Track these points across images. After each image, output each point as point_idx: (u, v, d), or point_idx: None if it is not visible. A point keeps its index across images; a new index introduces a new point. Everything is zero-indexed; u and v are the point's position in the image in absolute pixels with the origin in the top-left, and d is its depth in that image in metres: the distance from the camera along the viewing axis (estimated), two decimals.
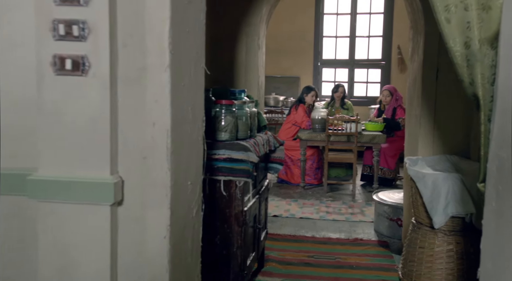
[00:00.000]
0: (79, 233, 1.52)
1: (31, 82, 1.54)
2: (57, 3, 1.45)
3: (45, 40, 1.47)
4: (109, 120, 1.49)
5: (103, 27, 1.45)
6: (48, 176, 1.51)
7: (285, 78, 8.40)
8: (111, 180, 1.49)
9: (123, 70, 1.51)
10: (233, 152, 2.25)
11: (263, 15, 3.47)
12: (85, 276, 1.53)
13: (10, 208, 1.62)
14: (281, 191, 5.38)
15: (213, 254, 2.25)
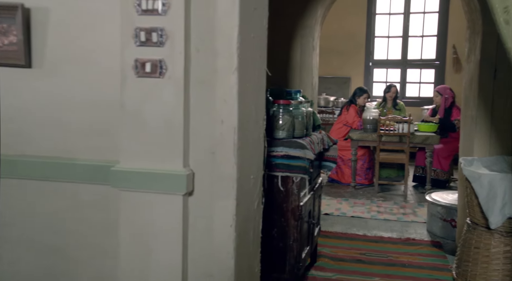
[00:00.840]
0: (155, 218, 1.69)
1: (114, 83, 1.72)
2: (139, 13, 1.62)
3: (128, 46, 1.65)
4: (182, 118, 1.64)
5: (179, 34, 1.61)
6: (128, 167, 1.69)
7: (335, 79, 8.41)
8: (183, 172, 1.65)
9: (195, 73, 1.66)
10: (290, 149, 2.36)
11: (318, 17, 3.56)
12: (160, 259, 1.70)
13: (95, 195, 1.81)
14: (332, 190, 5.44)
15: (270, 246, 2.37)
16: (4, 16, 1.76)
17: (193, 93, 1.67)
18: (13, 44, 1.78)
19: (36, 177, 1.86)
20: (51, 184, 1.86)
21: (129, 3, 1.62)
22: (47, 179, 1.85)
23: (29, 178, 1.87)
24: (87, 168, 1.81)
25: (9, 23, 1.76)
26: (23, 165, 1.86)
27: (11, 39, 1.78)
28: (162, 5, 1.59)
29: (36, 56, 1.79)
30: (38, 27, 1.77)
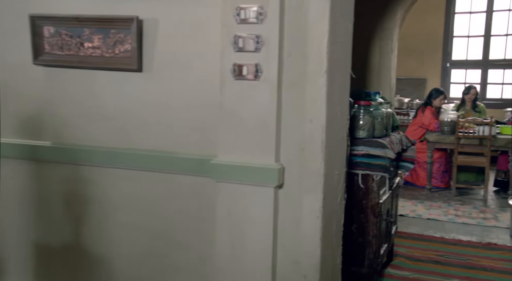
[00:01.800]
0: (248, 208, 1.87)
1: (214, 86, 1.91)
2: (238, 22, 1.80)
3: (227, 52, 1.84)
4: (275, 117, 1.80)
5: (273, 40, 1.77)
6: (225, 161, 1.88)
7: (411, 80, 8.26)
8: (275, 166, 1.81)
9: (287, 76, 1.81)
10: (371, 148, 2.45)
11: (397, 19, 3.60)
12: (252, 244, 1.87)
13: (194, 185, 2.02)
14: (406, 192, 5.38)
15: (349, 241, 2.47)
16: (122, 27, 2.01)
17: (285, 94, 1.82)
18: (128, 51, 2.04)
19: (142, 167, 2.11)
20: (155, 174, 2.09)
21: (229, 14, 1.81)
22: (151, 170, 2.09)
23: (136, 168, 2.12)
24: (187, 161, 2.02)
25: (125, 33, 2.02)
26: (130, 157, 2.11)
27: (126, 47, 2.04)
28: (259, 15, 1.76)
29: (146, 62, 2.03)
30: (149, 36, 2.01)
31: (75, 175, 2.21)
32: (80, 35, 2.10)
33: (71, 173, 2.22)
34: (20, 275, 2.37)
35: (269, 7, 1.75)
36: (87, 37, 2.09)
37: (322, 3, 1.73)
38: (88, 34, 2.09)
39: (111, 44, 2.06)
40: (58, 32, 2.13)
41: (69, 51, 2.14)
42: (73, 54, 2.13)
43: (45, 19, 2.13)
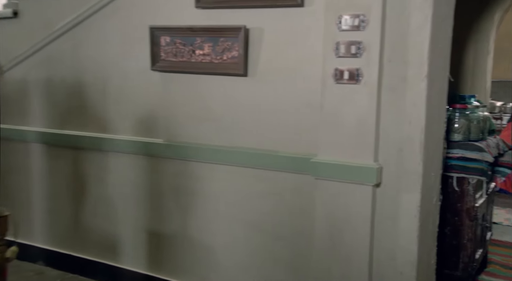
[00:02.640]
0: (346, 205, 1.97)
1: (314, 89, 2.04)
2: (340, 29, 1.92)
3: (329, 57, 1.96)
4: (374, 118, 1.89)
5: (374, 46, 1.86)
6: (325, 160, 2.00)
7: (504, 83, 7.81)
8: (374, 166, 1.90)
9: (387, 80, 1.89)
10: (467, 151, 2.44)
11: (495, 21, 3.50)
12: (350, 240, 1.97)
13: (293, 182, 2.17)
14: (499, 200, 5.13)
15: (443, 243, 2.48)
16: (230, 36, 2.21)
17: (384, 97, 1.91)
18: (235, 57, 2.23)
19: (245, 164, 2.29)
20: (257, 171, 2.26)
21: (332, 22, 1.93)
22: (254, 167, 2.26)
23: (239, 165, 2.30)
24: (288, 159, 2.17)
25: (233, 41, 2.22)
26: (235, 155, 2.30)
27: (233, 54, 2.23)
28: (361, 23, 1.87)
29: (251, 67, 2.21)
30: (255, 43, 2.19)
31: (184, 170, 2.45)
32: (193, 44, 2.33)
33: (181, 168, 2.46)
34: (135, 258, 2.66)
35: (371, 15, 1.85)
36: (198, 45, 2.32)
37: (424, 10, 1.79)
38: (199, 43, 2.31)
39: (219, 51, 2.27)
40: (173, 41, 2.38)
41: (182, 58, 2.38)
42: (185, 61, 2.37)
43: (163, 30, 2.39)
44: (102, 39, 2.63)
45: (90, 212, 2.78)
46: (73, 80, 2.76)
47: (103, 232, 2.74)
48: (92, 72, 2.69)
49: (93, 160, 2.74)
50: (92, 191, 2.77)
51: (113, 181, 2.68)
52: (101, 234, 2.75)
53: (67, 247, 2.88)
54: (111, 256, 2.73)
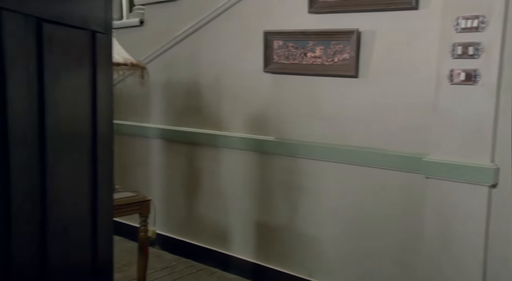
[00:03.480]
0: (459, 205, 1.99)
1: (426, 90, 2.08)
2: (458, 31, 1.94)
3: (444, 58, 1.99)
4: (492, 119, 1.90)
5: (495, 47, 1.87)
6: (438, 159, 2.03)
7: None
8: (491, 166, 1.90)
9: (506, 80, 1.89)
10: None
11: None
12: (463, 240, 1.99)
13: (401, 180, 2.22)
14: None
15: None
16: (342, 39, 2.32)
17: (502, 97, 1.90)
18: (346, 59, 2.33)
19: (353, 162, 2.38)
20: (365, 168, 2.34)
21: (449, 24, 1.96)
22: (362, 164, 2.34)
23: (347, 162, 2.40)
24: (397, 158, 2.23)
25: (344, 44, 2.32)
26: (343, 152, 2.40)
27: (344, 56, 2.33)
28: (480, 24, 1.88)
29: (362, 68, 2.30)
30: (366, 46, 2.27)
31: (293, 166, 2.59)
32: (304, 47, 2.47)
33: (291, 164, 2.61)
34: (244, 247, 2.86)
35: (491, 16, 1.85)
36: (310, 48, 2.45)
37: None
38: (311, 46, 2.44)
39: (331, 54, 2.38)
40: (286, 44, 2.53)
41: (293, 60, 2.52)
42: (297, 63, 2.51)
43: (276, 34, 2.56)
44: (218, 44, 2.85)
45: (203, 202, 3.03)
46: (190, 82, 3.02)
47: (215, 222, 2.98)
48: (207, 74, 2.93)
49: (207, 154, 2.98)
50: (205, 183, 3.01)
51: (225, 174, 2.91)
52: (213, 223, 2.99)
53: (182, 234, 3.16)
54: (221, 244, 2.96)
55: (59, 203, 1.16)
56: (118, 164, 1.56)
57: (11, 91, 0.95)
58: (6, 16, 0.92)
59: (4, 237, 0.95)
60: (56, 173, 1.13)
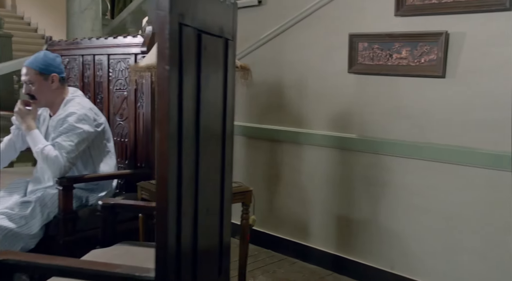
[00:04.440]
0: None
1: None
2: None
3: None
4: None
5: None
6: None
7: None
8: None
9: None
10: None
11: None
12: None
13: (488, 178, 2.28)
14: None
15: None
16: (429, 41, 2.40)
17: None
18: (433, 60, 2.41)
19: (437, 159, 2.45)
20: (448, 166, 2.41)
21: None
22: (446, 162, 2.42)
23: (431, 160, 2.48)
24: (483, 156, 2.28)
25: (432, 45, 2.40)
26: (427, 150, 2.48)
27: (431, 57, 2.41)
28: None
29: (449, 69, 2.37)
30: (454, 47, 2.34)
31: (376, 163, 2.70)
32: (390, 48, 2.57)
33: (373, 161, 2.72)
34: (324, 239, 3.00)
35: None
36: (396, 49, 2.55)
37: None
38: (397, 47, 2.54)
39: (417, 55, 2.47)
40: (371, 46, 2.64)
41: (378, 62, 2.63)
42: (381, 64, 2.62)
43: (361, 37, 2.68)
44: (302, 46, 3.01)
45: (284, 196, 3.20)
46: (272, 81, 3.19)
47: (295, 214, 3.14)
48: (290, 74, 3.09)
49: (288, 151, 3.14)
50: (286, 178, 3.18)
51: (306, 169, 3.06)
52: (293, 216, 3.15)
53: (262, 225, 3.34)
54: (301, 236, 3.11)
55: (205, 186, 1.36)
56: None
57: (185, 93, 1.14)
58: (184, 31, 1.11)
59: (177, 216, 1.14)
60: (204, 162, 1.33)
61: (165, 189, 1.08)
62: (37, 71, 2.25)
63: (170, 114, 1.07)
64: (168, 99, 1.06)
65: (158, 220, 1.09)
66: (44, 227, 2.19)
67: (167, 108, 1.06)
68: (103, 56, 2.77)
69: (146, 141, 2.53)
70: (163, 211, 1.09)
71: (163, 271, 1.11)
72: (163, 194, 1.09)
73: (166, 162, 1.08)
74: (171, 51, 1.05)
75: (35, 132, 2.21)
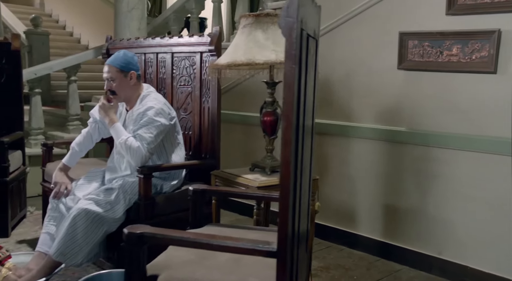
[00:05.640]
0: None
1: None
2: None
3: None
4: None
5: None
6: None
7: None
8: None
9: None
10: None
11: None
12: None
13: None
14: None
15: None
16: (480, 38, 2.54)
17: None
18: (484, 57, 2.55)
19: (487, 151, 2.60)
20: (499, 157, 2.55)
21: None
22: (497, 153, 2.56)
23: (481, 151, 2.62)
24: None
25: (483, 43, 2.54)
26: (477, 142, 2.62)
27: (482, 54, 2.55)
28: None
29: (501, 65, 2.51)
30: (506, 44, 2.48)
31: (425, 155, 2.85)
32: (440, 46, 2.71)
33: (422, 153, 2.86)
34: (370, 227, 3.16)
35: None
36: (446, 47, 2.69)
37: None
38: (448, 45, 2.68)
39: (468, 52, 2.61)
40: (421, 44, 2.79)
41: (428, 58, 2.78)
42: (432, 61, 2.76)
43: (411, 35, 2.82)
44: (352, 43, 3.16)
45: (331, 186, 3.36)
46: (321, 77, 3.35)
47: (342, 203, 3.30)
48: (339, 70, 3.25)
49: (337, 143, 3.30)
50: (334, 169, 3.34)
51: (354, 161, 3.22)
52: (340, 205, 3.32)
53: None
54: (348, 224, 3.28)
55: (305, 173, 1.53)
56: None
57: (301, 89, 1.31)
58: (303, 34, 1.28)
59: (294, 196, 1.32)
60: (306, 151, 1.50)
61: (288, 171, 1.26)
62: (118, 68, 2.44)
63: (293, 106, 1.25)
64: (293, 93, 1.23)
65: (282, 197, 1.27)
66: (126, 212, 2.39)
67: (292, 101, 1.24)
68: (167, 55, 2.95)
69: (212, 134, 2.71)
70: (286, 190, 1.26)
71: (284, 244, 1.29)
72: (286, 175, 1.26)
73: (289, 147, 1.25)
74: (296, 52, 1.22)
75: (117, 125, 2.40)
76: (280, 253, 1.29)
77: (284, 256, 1.29)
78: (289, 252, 1.30)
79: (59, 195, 2.52)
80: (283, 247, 1.29)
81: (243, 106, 3.85)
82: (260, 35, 2.13)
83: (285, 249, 1.29)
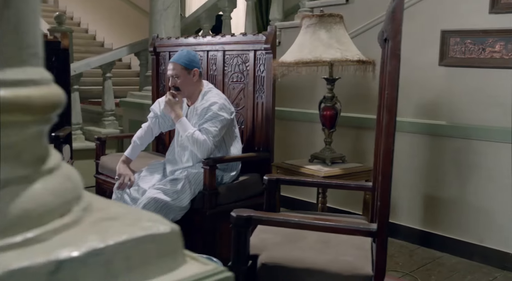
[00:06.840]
0: None
1: None
2: None
3: None
4: None
5: None
6: None
7: None
8: None
9: None
10: None
11: None
12: None
13: None
14: None
15: None
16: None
17: None
18: None
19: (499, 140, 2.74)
20: None
21: None
22: None
23: None
24: None
25: None
26: None
27: None
28: None
29: None
30: None
31: (465, 147, 2.99)
32: (483, 43, 2.85)
33: (462, 145, 3.01)
34: (410, 216, 3.31)
35: None
36: (489, 44, 2.82)
37: None
38: (491, 42, 2.82)
39: (511, 49, 2.74)
40: (463, 41, 2.92)
41: (470, 55, 2.91)
42: (473, 57, 2.90)
43: (453, 33, 2.95)
44: None
45: None
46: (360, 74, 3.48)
47: None
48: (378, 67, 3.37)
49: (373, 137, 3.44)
50: None
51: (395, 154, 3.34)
52: None
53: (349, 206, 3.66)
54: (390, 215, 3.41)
55: None
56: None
57: None
58: None
59: None
60: None
61: (390, 159, 1.40)
62: (182, 66, 2.58)
63: (396, 101, 1.39)
64: (396, 89, 1.37)
65: (383, 183, 1.42)
66: (190, 201, 2.53)
67: (396, 96, 1.38)
68: (218, 52, 3.08)
69: (267, 127, 2.85)
70: (387, 178, 1.41)
71: (383, 224, 1.43)
72: (387, 163, 1.41)
73: (391, 138, 1.40)
74: (399, 52, 1.36)
75: (183, 120, 2.54)
76: (379, 233, 1.44)
77: (384, 235, 1.43)
78: (386, 232, 1.45)
79: (123, 185, 2.67)
80: (383, 227, 1.43)
81: (290, 102, 3.97)
82: (324, 35, 2.26)
83: (384, 229, 1.43)
